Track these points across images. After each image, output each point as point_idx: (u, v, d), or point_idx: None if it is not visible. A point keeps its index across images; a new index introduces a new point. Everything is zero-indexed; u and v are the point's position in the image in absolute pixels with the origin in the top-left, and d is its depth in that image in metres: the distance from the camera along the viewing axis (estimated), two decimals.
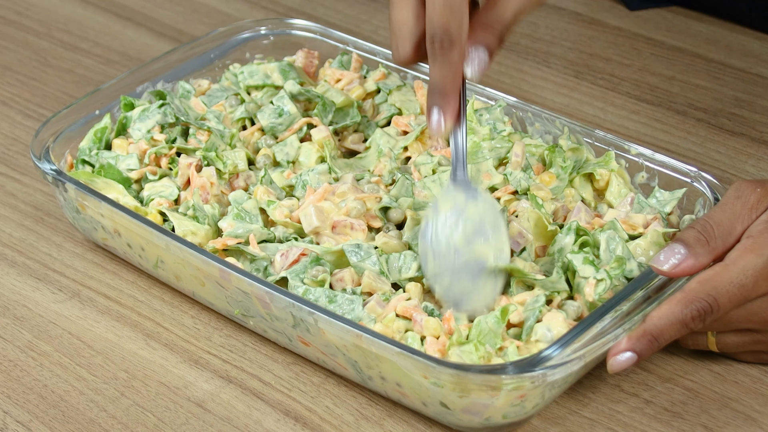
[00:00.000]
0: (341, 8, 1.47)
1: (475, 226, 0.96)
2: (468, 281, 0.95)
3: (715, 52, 1.36)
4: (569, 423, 0.95)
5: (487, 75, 1.34)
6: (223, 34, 1.25)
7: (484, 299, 0.95)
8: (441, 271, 0.96)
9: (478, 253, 0.95)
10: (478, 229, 0.96)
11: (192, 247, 0.99)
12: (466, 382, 0.88)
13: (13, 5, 1.50)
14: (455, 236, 0.95)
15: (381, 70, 1.19)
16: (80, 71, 1.38)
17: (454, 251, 0.95)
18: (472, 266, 0.95)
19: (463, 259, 0.95)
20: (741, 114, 1.27)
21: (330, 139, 1.11)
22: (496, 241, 0.96)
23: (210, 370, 1.00)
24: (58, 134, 1.11)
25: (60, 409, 0.97)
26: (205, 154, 1.09)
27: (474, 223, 0.96)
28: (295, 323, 0.95)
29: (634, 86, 1.31)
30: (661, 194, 1.05)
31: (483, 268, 0.95)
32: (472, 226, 0.96)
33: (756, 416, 0.94)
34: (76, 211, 1.08)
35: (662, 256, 0.92)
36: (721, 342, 0.96)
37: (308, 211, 1.02)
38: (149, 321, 1.05)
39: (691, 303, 0.89)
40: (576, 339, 0.89)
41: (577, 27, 1.41)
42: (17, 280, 1.09)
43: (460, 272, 0.95)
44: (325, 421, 0.95)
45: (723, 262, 0.91)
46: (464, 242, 0.95)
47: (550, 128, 1.12)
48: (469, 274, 0.95)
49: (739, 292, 0.90)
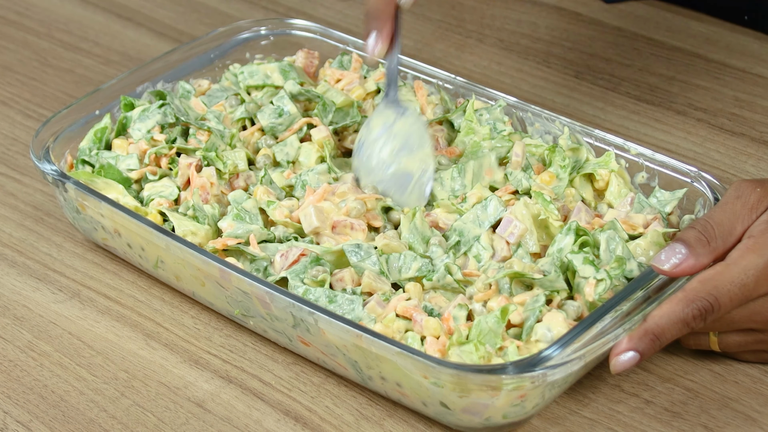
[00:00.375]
0: (341, 8, 1.47)
1: (401, 141, 1.05)
2: (396, 192, 1.05)
3: (715, 52, 1.36)
4: (569, 423, 0.95)
5: (487, 75, 1.34)
6: (223, 34, 1.25)
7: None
8: (371, 186, 1.05)
9: (403, 165, 1.04)
10: (404, 144, 1.05)
11: (192, 247, 0.99)
12: (466, 382, 0.88)
13: (13, 5, 1.50)
14: (384, 151, 1.05)
15: (381, 70, 1.19)
16: (80, 71, 1.38)
17: (382, 165, 1.05)
18: (398, 178, 1.04)
19: (390, 171, 1.04)
20: (741, 114, 1.27)
21: (330, 139, 1.11)
22: (420, 153, 1.05)
23: (210, 370, 1.00)
24: (58, 134, 1.11)
25: (60, 409, 0.97)
26: (205, 154, 1.09)
27: (401, 139, 1.05)
28: (295, 323, 0.95)
29: (634, 86, 1.31)
30: (662, 194, 1.05)
31: (409, 180, 1.04)
32: (399, 141, 1.05)
33: (756, 416, 0.94)
34: (76, 211, 1.08)
35: (663, 256, 0.92)
36: (723, 342, 0.96)
37: (308, 212, 1.02)
38: (149, 321, 1.05)
39: (692, 302, 0.90)
40: (576, 339, 0.89)
41: (577, 27, 1.41)
42: (17, 280, 1.09)
43: (388, 184, 1.05)
44: (325, 421, 0.95)
45: (724, 261, 0.91)
46: (391, 156, 1.05)
47: (550, 128, 1.12)
48: (396, 185, 1.05)
49: (741, 292, 0.90)
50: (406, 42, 1.40)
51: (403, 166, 1.05)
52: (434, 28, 1.43)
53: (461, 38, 1.41)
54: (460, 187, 1.05)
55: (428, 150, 1.05)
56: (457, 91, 1.17)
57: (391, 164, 1.05)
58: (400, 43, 1.04)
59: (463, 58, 1.37)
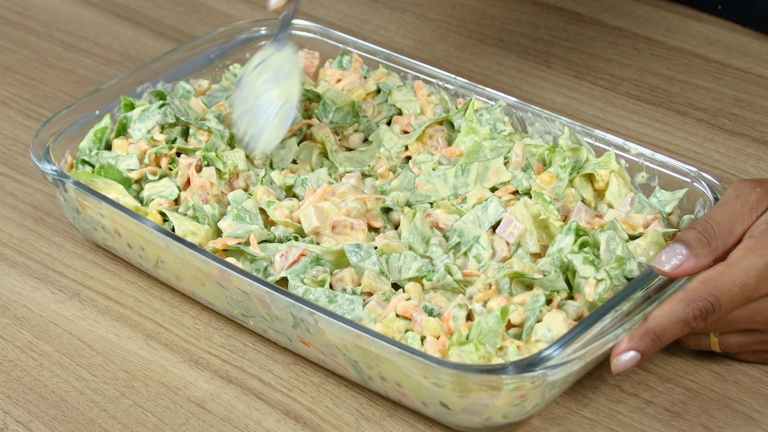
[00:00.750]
0: (341, 8, 1.47)
1: (273, 72, 1.09)
2: (261, 120, 1.08)
3: (715, 52, 1.36)
4: (569, 423, 0.95)
5: (487, 75, 1.34)
6: (223, 35, 1.25)
7: (273, 135, 1.07)
8: (241, 115, 1.09)
9: (271, 94, 1.08)
10: (275, 75, 1.09)
11: (192, 248, 0.99)
12: (466, 382, 0.88)
13: (13, 5, 1.50)
14: (256, 82, 1.09)
15: (381, 70, 1.19)
16: (80, 71, 1.38)
17: (252, 95, 1.09)
18: (265, 105, 1.08)
19: (259, 101, 1.08)
20: (741, 114, 1.27)
21: (330, 135, 1.11)
22: (287, 83, 1.08)
23: (210, 370, 1.00)
24: (58, 134, 1.11)
25: (60, 409, 0.97)
26: (205, 154, 1.09)
27: (272, 70, 1.09)
28: (295, 323, 0.95)
29: (634, 86, 1.31)
30: (662, 194, 1.05)
31: (274, 107, 1.07)
32: (271, 72, 1.09)
33: (756, 416, 0.94)
34: (76, 211, 1.08)
35: (664, 257, 0.92)
36: (724, 342, 0.96)
37: (308, 212, 1.02)
38: (149, 321, 1.05)
39: (692, 302, 0.90)
40: (576, 339, 0.89)
41: (577, 27, 1.41)
42: (17, 280, 1.09)
43: (255, 113, 1.08)
44: (325, 421, 0.95)
45: (725, 261, 0.91)
46: (261, 86, 1.09)
47: (550, 128, 1.12)
48: (262, 113, 1.08)
49: (741, 292, 0.90)
50: (406, 42, 1.40)
51: (271, 95, 1.08)
52: (434, 28, 1.43)
53: (461, 38, 1.41)
54: (462, 185, 1.05)
55: (294, 80, 1.08)
56: (457, 91, 1.17)
57: (260, 94, 1.08)
58: (298, 2, 1.10)
59: (463, 58, 1.37)
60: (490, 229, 1.01)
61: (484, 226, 1.01)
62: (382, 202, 1.04)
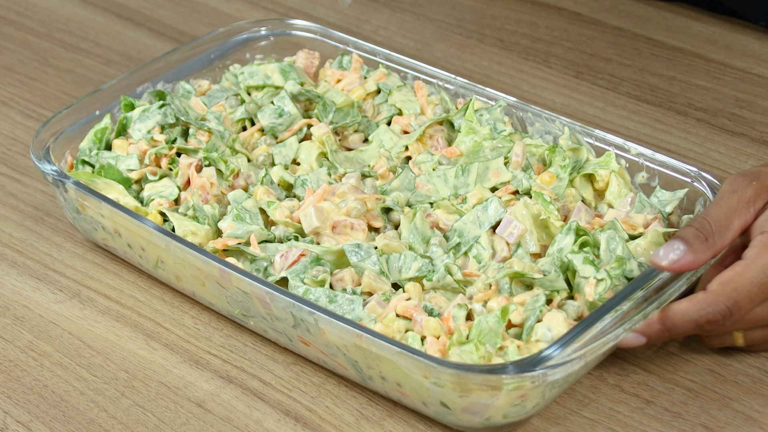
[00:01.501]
0: (341, 8, 1.47)
1: None
2: None
3: (715, 52, 1.36)
4: (569, 423, 0.95)
5: (487, 75, 1.34)
6: (223, 35, 1.25)
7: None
8: None
9: None
10: None
11: (192, 248, 0.99)
12: (466, 382, 0.88)
13: (13, 5, 1.50)
14: None
15: (381, 70, 1.19)
16: (80, 71, 1.38)
17: None
18: None
19: None
20: (741, 114, 1.27)
21: (330, 135, 1.11)
22: None
23: (210, 371, 1.00)
24: (59, 134, 1.11)
25: (60, 410, 0.97)
26: (208, 155, 1.09)
27: None
28: (295, 323, 0.95)
29: (635, 86, 1.31)
30: (662, 194, 1.05)
31: None
32: None
33: (756, 416, 0.94)
34: (76, 211, 1.08)
35: (662, 252, 0.93)
36: (749, 337, 0.97)
37: (308, 212, 1.02)
38: (149, 321, 1.05)
39: (709, 305, 0.91)
40: (576, 339, 0.89)
41: (577, 27, 1.41)
42: (17, 280, 1.09)
43: None
44: (325, 421, 0.95)
45: (743, 261, 0.92)
46: None
47: (550, 128, 1.12)
48: None
49: (761, 291, 0.92)
50: (406, 42, 1.40)
51: None
52: (434, 28, 1.43)
53: (461, 38, 1.41)
54: (463, 185, 1.05)
55: None
56: (457, 91, 1.17)
57: None
58: None
59: (463, 58, 1.37)
60: (490, 229, 1.01)
61: (485, 227, 1.01)
62: (382, 202, 1.04)
